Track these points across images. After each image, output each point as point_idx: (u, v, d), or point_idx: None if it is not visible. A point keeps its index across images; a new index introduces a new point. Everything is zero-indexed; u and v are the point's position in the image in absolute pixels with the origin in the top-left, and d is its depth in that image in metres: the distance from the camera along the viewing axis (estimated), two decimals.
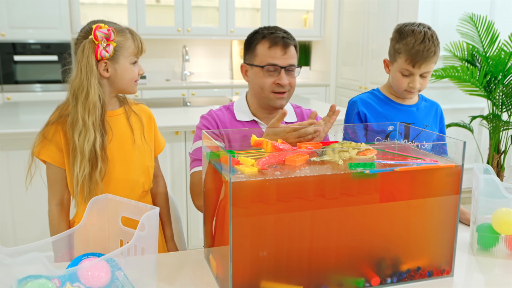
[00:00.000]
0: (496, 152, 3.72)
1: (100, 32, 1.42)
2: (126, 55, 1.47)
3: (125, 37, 1.48)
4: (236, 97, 4.63)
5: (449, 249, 1.29)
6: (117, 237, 1.18)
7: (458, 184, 1.25)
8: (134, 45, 1.49)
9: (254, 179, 1.09)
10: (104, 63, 1.45)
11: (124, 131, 1.54)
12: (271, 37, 1.61)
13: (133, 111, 1.59)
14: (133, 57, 1.49)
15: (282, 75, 1.60)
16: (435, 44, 1.68)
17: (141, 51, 1.51)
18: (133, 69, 1.50)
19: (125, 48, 1.47)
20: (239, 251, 1.11)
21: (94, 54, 1.42)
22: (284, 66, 1.61)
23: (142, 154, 1.57)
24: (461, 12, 3.82)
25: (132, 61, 1.49)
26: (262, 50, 1.62)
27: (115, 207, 1.17)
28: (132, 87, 1.52)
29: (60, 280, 0.99)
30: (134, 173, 1.53)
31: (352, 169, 1.16)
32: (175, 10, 4.91)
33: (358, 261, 1.22)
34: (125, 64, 1.48)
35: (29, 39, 4.39)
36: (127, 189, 1.52)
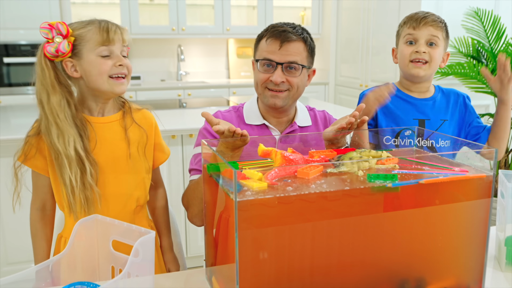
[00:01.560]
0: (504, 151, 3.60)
1: (43, 28, 1.26)
2: (90, 47, 1.28)
3: (87, 28, 1.29)
4: (233, 97, 4.50)
5: (479, 267, 1.16)
6: (107, 263, 1.05)
7: (489, 195, 1.12)
8: (99, 34, 1.29)
9: (263, 196, 0.96)
10: (69, 62, 1.30)
11: (118, 141, 1.39)
12: (272, 30, 1.49)
13: (134, 121, 1.43)
14: (99, 47, 1.29)
15: (276, 72, 1.47)
16: (440, 18, 1.66)
17: (108, 39, 1.29)
18: (100, 61, 1.29)
19: (86, 39, 1.28)
20: (247, 275, 0.98)
21: (43, 53, 1.27)
22: (280, 62, 1.47)
23: (137, 167, 1.42)
24: (466, 7, 3.70)
25: (100, 52, 1.29)
26: (262, 44, 1.51)
27: (105, 229, 1.04)
28: (104, 84, 1.31)
29: None
30: (127, 187, 1.39)
31: (372, 182, 1.03)
32: (169, 9, 4.77)
33: (378, 282, 1.09)
34: (89, 58, 1.29)
35: (19, 40, 4.25)
36: (119, 205, 1.38)
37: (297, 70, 1.48)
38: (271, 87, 1.49)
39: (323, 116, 1.67)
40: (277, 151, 1.12)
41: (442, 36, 1.64)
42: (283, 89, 1.49)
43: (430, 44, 1.63)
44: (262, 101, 1.55)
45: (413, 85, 1.71)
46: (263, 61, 1.49)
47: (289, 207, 0.97)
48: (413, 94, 1.71)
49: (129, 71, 1.35)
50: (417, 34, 1.62)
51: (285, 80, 1.47)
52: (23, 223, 2.23)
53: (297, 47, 1.48)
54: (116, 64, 1.31)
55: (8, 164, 1.35)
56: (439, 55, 1.64)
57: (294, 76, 1.48)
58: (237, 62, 5.40)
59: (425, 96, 1.72)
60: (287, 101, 1.51)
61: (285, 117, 1.58)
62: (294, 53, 1.47)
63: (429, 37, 1.61)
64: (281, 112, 1.57)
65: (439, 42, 1.63)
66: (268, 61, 1.48)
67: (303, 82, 1.52)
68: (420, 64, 1.62)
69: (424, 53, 1.61)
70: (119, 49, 1.32)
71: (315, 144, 1.40)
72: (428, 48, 1.62)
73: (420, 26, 1.61)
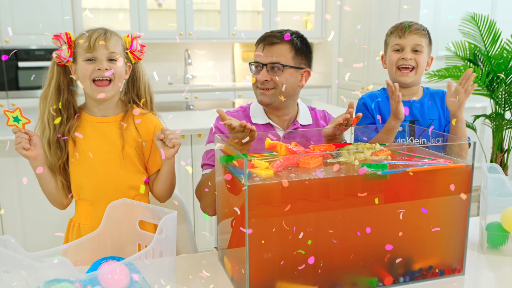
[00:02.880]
0: (499, 151, 3.74)
1: (53, 39, 1.45)
2: (80, 53, 1.45)
3: (81, 36, 1.46)
4: (238, 99, 4.65)
5: (460, 248, 1.31)
6: (134, 241, 1.20)
7: (469, 184, 1.27)
8: (85, 40, 1.44)
9: (269, 181, 1.11)
10: (73, 66, 1.48)
11: (114, 140, 1.52)
12: (260, 38, 1.68)
13: (134, 123, 1.55)
14: (84, 53, 1.44)
15: (261, 72, 1.64)
16: (422, 26, 1.80)
17: (90, 46, 1.43)
18: (84, 66, 1.44)
19: (79, 46, 1.45)
20: (255, 252, 1.13)
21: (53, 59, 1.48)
22: (264, 63, 1.64)
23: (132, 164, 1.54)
24: (463, 12, 3.84)
25: (85, 57, 1.44)
26: (255, 50, 1.70)
27: (132, 211, 1.19)
28: (88, 88, 1.46)
29: (81, 284, 1.02)
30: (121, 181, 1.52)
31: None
32: (177, 14, 4.94)
33: (371, 261, 1.24)
34: (79, 62, 1.46)
35: (30, 45, 4.42)
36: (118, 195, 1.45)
37: (279, 69, 1.63)
38: (260, 86, 1.66)
39: (323, 115, 1.82)
40: (282, 144, 1.27)
41: (425, 43, 1.80)
42: (269, 87, 1.64)
43: (415, 51, 1.78)
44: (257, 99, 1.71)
45: (402, 89, 1.84)
46: (253, 64, 1.68)
47: (292, 191, 1.12)
48: (403, 97, 1.85)
49: (115, 75, 1.47)
50: (403, 42, 1.78)
51: (269, 79, 1.63)
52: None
53: (279, 49, 1.63)
54: (95, 68, 1.44)
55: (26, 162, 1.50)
56: (424, 60, 1.79)
57: (277, 75, 1.63)
58: (242, 65, 5.56)
59: (414, 98, 1.86)
60: (274, 98, 1.65)
61: (286, 115, 1.72)
62: (277, 54, 1.63)
63: (414, 45, 1.77)
64: (277, 109, 1.70)
65: (423, 48, 1.78)
66: (256, 63, 1.67)
67: (289, 81, 1.64)
68: (407, 72, 1.78)
69: (410, 60, 1.77)
70: (105, 55, 1.45)
71: (316, 140, 1.56)
72: (413, 55, 1.78)
73: (406, 35, 1.77)
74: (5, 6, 4.27)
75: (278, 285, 1.17)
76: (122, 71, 1.50)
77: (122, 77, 1.50)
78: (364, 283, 1.24)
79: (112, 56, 1.46)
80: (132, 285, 1.09)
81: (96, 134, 1.51)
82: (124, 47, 1.53)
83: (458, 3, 3.94)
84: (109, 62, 1.45)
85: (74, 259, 1.16)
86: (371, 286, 1.24)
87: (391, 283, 1.25)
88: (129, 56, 1.54)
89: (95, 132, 1.51)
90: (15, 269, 0.92)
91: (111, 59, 1.45)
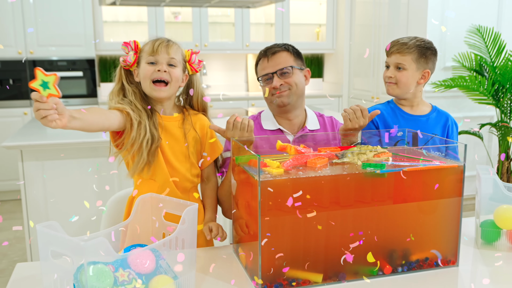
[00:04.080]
0: (506, 159, 3.84)
1: (123, 45, 1.63)
2: (144, 57, 1.61)
3: (147, 43, 1.64)
4: (252, 108, 4.81)
5: (454, 241, 1.44)
6: (160, 231, 1.35)
7: (461, 182, 1.40)
8: (150, 45, 1.61)
9: (280, 178, 1.25)
10: (136, 70, 1.64)
11: (177, 139, 1.67)
12: (260, 53, 1.86)
13: (192, 126, 1.71)
14: (147, 56, 1.60)
15: (274, 79, 1.79)
16: (418, 42, 1.90)
17: (153, 50, 1.59)
18: (147, 67, 1.60)
19: (144, 51, 1.62)
20: (267, 243, 1.27)
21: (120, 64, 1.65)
22: (273, 72, 1.80)
23: (189, 161, 1.69)
24: (469, 24, 3.97)
25: (148, 60, 1.60)
26: (258, 67, 1.87)
27: (158, 203, 1.34)
28: (148, 87, 1.61)
29: (113, 266, 1.16)
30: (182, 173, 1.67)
31: (365, 169, 1.32)
32: (192, 26, 5.12)
33: (372, 252, 1.37)
34: (142, 65, 1.61)
35: (54, 56, 4.64)
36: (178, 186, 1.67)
37: (289, 72, 1.80)
38: (275, 91, 1.81)
39: (330, 121, 1.96)
40: (291, 146, 1.42)
41: (410, 60, 1.89)
42: (285, 89, 1.80)
43: (399, 68, 1.91)
44: (272, 108, 1.85)
45: (406, 100, 1.97)
46: (262, 77, 1.83)
47: (300, 187, 1.25)
48: (405, 108, 1.97)
49: (172, 79, 1.61)
50: (388, 60, 1.95)
51: (283, 82, 1.79)
52: None
53: (282, 56, 1.81)
54: (155, 69, 1.59)
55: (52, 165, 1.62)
56: (407, 76, 1.89)
57: (289, 77, 1.80)
58: (255, 76, 5.70)
59: (419, 113, 1.98)
60: (291, 98, 1.81)
61: (296, 120, 1.87)
62: (282, 61, 1.80)
63: (396, 63, 1.91)
64: (290, 112, 1.85)
65: (407, 66, 1.89)
66: (265, 75, 1.82)
67: (299, 80, 1.82)
68: (391, 84, 1.94)
69: (391, 78, 1.92)
70: (165, 59, 1.60)
71: (324, 144, 1.70)
72: (396, 72, 1.91)
73: (390, 54, 1.93)
74: (30, 19, 4.49)
75: (288, 272, 1.30)
76: (179, 76, 1.65)
77: (178, 82, 1.66)
78: (366, 272, 1.37)
79: (171, 61, 1.62)
80: (158, 270, 1.23)
81: (161, 129, 1.67)
82: (184, 58, 1.69)
83: (464, 15, 4.06)
84: (168, 66, 1.61)
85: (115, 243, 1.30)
86: (371, 274, 1.37)
87: (390, 272, 1.38)
88: (187, 67, 1.70)
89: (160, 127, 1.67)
90: (61, 249, 1.06)
91: (170, 64, 1.62)
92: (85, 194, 2.88)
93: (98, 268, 1.12)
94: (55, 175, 2.82)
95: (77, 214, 2.71)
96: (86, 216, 2.17)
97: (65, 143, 2.78)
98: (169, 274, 1.25)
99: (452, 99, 4.11)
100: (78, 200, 2.87)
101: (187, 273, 1.26)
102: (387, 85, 1.96)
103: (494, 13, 4.15)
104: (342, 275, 1.34)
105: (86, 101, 4.76)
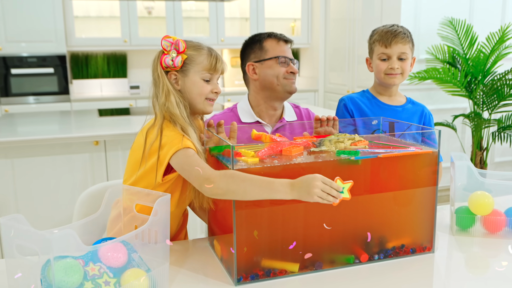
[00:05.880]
0: (478, 149, 3.89)
1: (166, 41, 1.47)
2: (197, 69, 1.46)
3: (200, 52, 1.48)
4: (227, 103, 4.77)
5: (430, 228, 1.44)
6: (132, 223, 1.31)
7: (435, 168, 1.40)
8: (208, 61, 1.47)
9: (254, 167, 1.23)
10: (173, 74, 1.47)
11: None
12: (275, 35, 1.86)
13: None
14: (204, 72, 1.47)
15: (295, 65, 1.83)
16: (405, 30, 1.89)
17: (214, 68, 1.48)
18: (203, 84, 1.47)
19: (196, 62, 1.47)
20: (242, 233, 1.25)
21: (160, 63, 1.47)
22: (291, 58, 1.83)
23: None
24: (442, 17, 4.00)
25: (204, 77, 1.47)
26: (271, 45, 1.83)
27: (130, 195, 1.30)
28: (201, 103, 1.49)
29: (83, 260, 1.12)
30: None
31: (339, 156, 1.30)
32: (166, 21, 5.06)
33: (348, 240, 1.36)
34: (194, 78, 1.47)
35: (24, 52, 4.53)
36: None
37: (294, 63, 1.85)
38: (290, 77, 1.82)
39: (307, 112, 1.95)
40: (267, 135, 1.39)
41: (409, 48, 1.89)
42: (292, 77, 1.83)
43: (401, 58, 1.87)
44: (282, 90, 1.81)
45: (386, 90, 1.96)
46: (282, 58, 1.82)
47: (275, 175, 1.23)
48: (383, 98, 1.96)
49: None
50: (390, 52, 1.86)
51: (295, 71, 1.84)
52: None
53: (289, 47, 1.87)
54: (213, 90, 1.50)
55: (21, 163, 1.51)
56: (409, 64, 1.90)
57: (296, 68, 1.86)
58: (231, 71, 5.68)
59: (395, 103, 1.98)
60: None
61: (279, 110, 1.86)
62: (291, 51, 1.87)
63: (399, 54, 1.86)
64: (283, 101, 1.88)
65: (408, 55, 1.88)
66: (284, 58, 1.82)
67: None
68: (394, 75, 1.88)
69: (397, 68, 1.87)
70: (217, 77, 1.53)
71: (301, 134, 1.69)
72: (399, 63, 1.87)
73: (391, 44, 1.85)
74: None
75: (264, 263, 1.28)
76: None
77: None
78: (342, 260, 1.35)
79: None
80: (130, 263, 1.20)
81: None
82: None
83: (437, 7, 4.10)
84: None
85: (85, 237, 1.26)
86: (348, 263, 1.36)
87: (367, 260, 1.37)
88: None
89: None
90: (27, 242, 1.02)
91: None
92: (58, 192, 2.82)
93: (66, 262, 1.08)
94: (26, 173, 2.75)
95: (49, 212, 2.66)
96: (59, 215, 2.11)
97: (36, 139, 2.71)
98: (142, 267, 1.21)
99: (426, 91, 4.15)
100: (51, 198, 2.80)
101: (160, 265, 1.23)
102: (390, 77, 1.89)
103: (466, 5, 4.20)
104: (318, 264, 1.33)
105: (57, 98, 4.66)
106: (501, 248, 1.49)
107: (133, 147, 1.49)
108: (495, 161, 4.59)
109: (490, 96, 3.73)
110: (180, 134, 1.39)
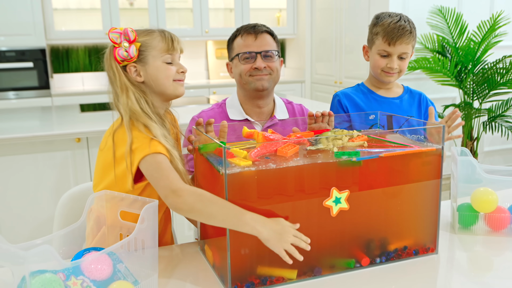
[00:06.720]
0: (469, 139, 3.85)
1: (114, 33, 1.35)
2: (156, 54, 1.38)
3: (152, 36, 1.39)
4: (213, 96, 4.67)
5: (433, 228, 1.36)
6: (116, 231, 1.22)
7: (439, 167, 1.32)
8: (164, 42, 1.39)
9: (248, 170, 1.14)
10: (133, 67, 1.37)
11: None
12: (242, 29, 1.73)
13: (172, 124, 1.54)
14: (164, 54, 1.39)
15: (258, 60, 1.68)
16: (411, 25, 1.77)
17: (173, 48, 1.40)
18: (166, 67, 1.39)
19: (152, 47, 1.38)
20: (237, 239, 1.16)
21: (114, 58, 1.35)
22: (258, 52, 1.68)
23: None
24: (431, 5, 3.94)
25: (165, 59, 1.39)
26: (237, 42, 1.73)
27: (114, 202, 1.20)
28: (171, 86, 1.40)
29: (64, 274, 1.03)
30: None
31: (339, 158, 1.22)
32: (149, 13, 4.92)
33: (348, 243, 1.28)
34: (155, 64, 1.38)
35: (2, 46, 4.36)
36: None
37: (272, 56, 1.71)
38: (255, 73, 1.69)
39: (300, 109, 1.86)
40: (259, 132, 1.30)
41: (411, 46, 1.79)
42: (266, 73, 1.70)
43: (401, 58, 1.78)
44: (249, 89, 1.71)
45: (382, 84, 1.88)
46: (243, 54, 1.69)
47: (270, 180, 1.15)
48: (379, 91, 1.88)
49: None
50: (391, 50, 1.76)
51: (266, 65, 1.69)
52: None
53: (267, 38, 1.72)
54: (178, 70, 1.42)
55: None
56: (407, 62, 1.81)
57: (272, 62, 1.71)
58: (216, 63, 5.57)
59: (393, 95, 1.89)
60: (270, 83, 1.71)
61: (265, 108, 1.76)
62: (267, 43, 1.71)
63: (400, 53, 1.76)
64: (263, 99, 1.74)
65: (409, 53, 1.79)
66: (248, 53, 1.69)
67: (278, 67, 1.73)
68: (392, 74, 1.79)
69: (396, 68, 1.78)
70: (178, 57, 1.45)
71: None
72: (399, 61, 1.77)
73: (396, 44, 1.74)
74: None
75: (259, 270, 1.20)
76: None
77: None
78: (342, 265, 1.28)
79: (179, 57, 1.47)
80: (115, 275, 1.11)
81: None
82: None
83: None
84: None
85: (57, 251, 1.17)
86: (348, 267, 1.28)
87: (368, 263, 1.29)
88: None
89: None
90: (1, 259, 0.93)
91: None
92: (39, 192, 2.71)
93: (45, 278, 0.99)
94: (5, 172, 2.63)
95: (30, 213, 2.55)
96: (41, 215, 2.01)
97: (16, 137, 2.58)
98: (129, 279, 1.13)
99: (416, 81, 4.09)
100: (32, 198, 2.69)
101: (149, 277, 1.15)
102: (387, 75, 1.80)
103: None
104: (317, 270, 1.25)
105: (38, 93, 4.51)
106: (506, 246, 1.42)
107: (101, 147, 1.39)
108: (485, 151, 4.56)
109: (480, 85, 3.69)
110: (148, 138, 1.29)
